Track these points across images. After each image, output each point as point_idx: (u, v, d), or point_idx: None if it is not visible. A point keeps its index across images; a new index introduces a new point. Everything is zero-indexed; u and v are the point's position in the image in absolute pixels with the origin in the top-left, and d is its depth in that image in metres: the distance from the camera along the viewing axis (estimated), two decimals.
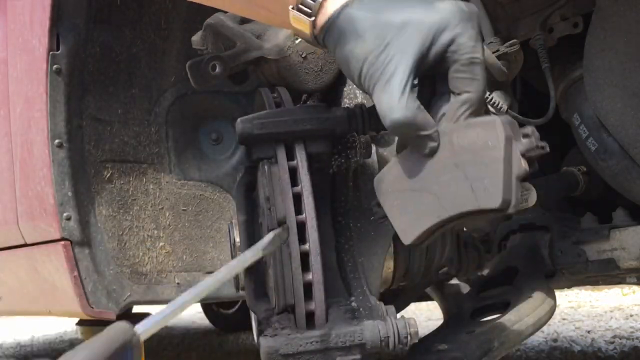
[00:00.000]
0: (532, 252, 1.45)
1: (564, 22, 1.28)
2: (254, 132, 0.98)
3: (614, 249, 1.38)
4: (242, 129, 0.98)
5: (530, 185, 1.35)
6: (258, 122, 0.98)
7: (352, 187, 1.09)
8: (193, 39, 1.18)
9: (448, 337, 1.20)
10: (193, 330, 4.32)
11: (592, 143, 1.34)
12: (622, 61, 1.22)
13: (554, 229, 1.47)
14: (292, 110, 1.00)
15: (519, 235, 1.52)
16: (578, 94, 1.39)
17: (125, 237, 1.49)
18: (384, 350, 0.98)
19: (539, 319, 1.24)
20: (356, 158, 1.05)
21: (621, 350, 2.85)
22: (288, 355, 0.96)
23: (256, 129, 0.98)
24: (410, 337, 0.99)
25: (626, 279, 1.67)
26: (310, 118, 0.98)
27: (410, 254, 1.16)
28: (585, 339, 3.13)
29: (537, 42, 1.27)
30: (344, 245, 1.08)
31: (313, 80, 1.11)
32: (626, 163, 1.31)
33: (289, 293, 0.95)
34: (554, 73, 1.32)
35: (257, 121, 0.98)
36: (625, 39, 1.21)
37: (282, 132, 0.98)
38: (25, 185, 1.51)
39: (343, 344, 0.97)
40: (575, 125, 1.39)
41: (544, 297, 1.29)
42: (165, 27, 1.50)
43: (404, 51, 0.84)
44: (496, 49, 1.11)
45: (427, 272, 1.19)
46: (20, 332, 5.00)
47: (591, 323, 3.54)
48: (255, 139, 0.99)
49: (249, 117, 0.99)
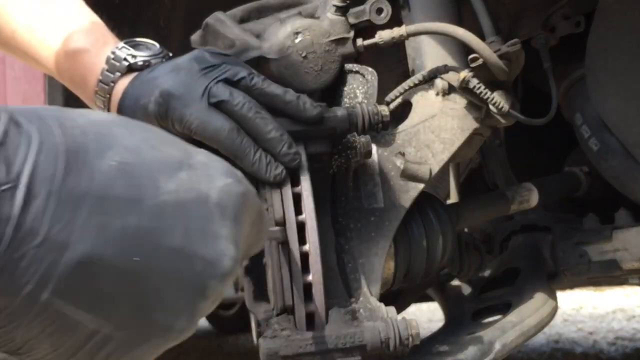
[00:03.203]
0: (533, 253, 1.45)
1: (566, 21, 1.28)
2: None
3: (617, 249, 1.37)
4: None
5: (532, 186, 1.34)
6: None
7: (352, 187, 1.09)
8: (192, 38, 1.17)
9: (449, 339, 1.19)
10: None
11: (595, 143, 1.34)
12: (624, 60, 1.22)
13: (556, 229, 1.46)
14: None
15: (520, 236, 1.51)
16: (580, 93, 1.38)
17: None
18: (384, 352, 0.98)
19: (541, 320, 1.23)
20: (356, 158, 1.05)
21: (623, 351, 2.84)
22: (288, 356, 0.95)
23: None
24: (412, 338, 0.98)
25: (628, 280, 1.67)
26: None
27: (411, 254, 1.15)
28: (587, 341, 3.12)
29: (538, 41, 1.27)
30: (344, 246, 1.07)
31: (313, 80, 1.11)
32: (629, 163, 1.31)
33: (288, 294, 0.95)
34: (556, 72, 1.31)
35: None
36: (628, 38, 1.21)
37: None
38: None
39: (343, 346, 0.96)
40: (577, 125, 1.39)
41: (546, 298, 1.29)
42: (164, 26, 1.49)
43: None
44: (497, 48, 1.10)
45: (428, 273, 1.18)
46: None
47: (593, 324, 3.54)
48: None
49: None
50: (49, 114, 0.50)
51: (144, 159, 0.51)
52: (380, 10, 1.11)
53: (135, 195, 0.49)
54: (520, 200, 1.30)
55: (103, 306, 0.49)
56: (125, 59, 0.96)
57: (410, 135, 1.13)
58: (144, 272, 0.50)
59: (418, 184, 1.10)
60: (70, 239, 0.47)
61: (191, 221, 0.52)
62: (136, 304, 0.50)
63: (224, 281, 0.54)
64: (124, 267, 0.49)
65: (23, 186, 0.45)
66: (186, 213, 0.52)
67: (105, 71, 0.96)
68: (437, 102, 1.15)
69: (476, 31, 1.12)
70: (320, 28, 1.10)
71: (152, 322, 0.51)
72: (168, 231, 0.51)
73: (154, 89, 0.92)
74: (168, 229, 0.50)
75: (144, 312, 0.51)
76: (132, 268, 0.49)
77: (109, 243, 0.48)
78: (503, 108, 1.12)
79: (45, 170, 0.47)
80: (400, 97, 1.17)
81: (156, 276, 0.50)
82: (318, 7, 1.13)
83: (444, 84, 1.14)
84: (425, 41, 1.19)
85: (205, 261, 0.52)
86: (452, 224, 1.19)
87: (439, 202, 1.22)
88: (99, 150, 0.49)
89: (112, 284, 0.48)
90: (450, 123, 1.13)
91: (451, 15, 1.18)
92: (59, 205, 0.46)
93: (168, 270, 0.51)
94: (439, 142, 1.13)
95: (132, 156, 0.50)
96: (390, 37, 1.12)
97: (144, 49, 0.99)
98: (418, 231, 1.14)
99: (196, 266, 0.52)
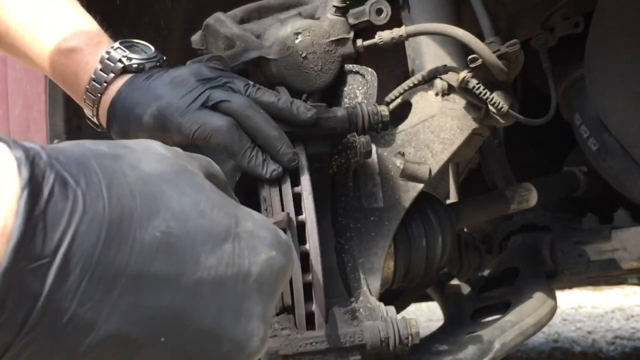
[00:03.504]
0: (533, 252, 1.45)
1: (565, 21, 1.28)
2: None
3: (615, 249, 1.37)
4: None
5: (531, 186, 1.35)
6: None
7: (352, 187, 1.09)
8: (193, 38, 1.17)
9: (448, 338, 1.19)
10: None
11: (593, 143, 1.34)
12: (623, 61, 1.22)
13: (555, 229, 1.46)
14: None
15: (519, 235, 1.51)
16: (579, 93, 1.38)
17: None
18: (384, 351, 0.98)
19: (540, 319, 1.24)
20: (356, 158, 1.05)
21: (622, 351, 2.84)
22: (288, 356, 0.95)
23: None
24: (411, 337, 0.98)
25: (627, 280, 1.67)
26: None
27: (411, 254, 1.15)
28: (586, 340, 3.12)
29: (538, 41, 1.27)
30: (344, 246, 1.07)
31: (313, 80, 1.11)
32: (627, 163, 1.31)
33: (286, 293, 0.95)
34: (555, 73, 1.32)
35: None
36: (627, 38, 1.21)
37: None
38: None
39: (343, 345, 0.96)
40: (576, 125, 1.39)
41: (545, 298, 1.29)
42: (164, 27, 1.50)
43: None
44: (497, 48, 1.10)
45: (428, 273, 1.18)
46: None
47: (592, 324, 3.54)
48: None
49: None
50: (99, 166, 0.46)
51: (189, 230, 0.48)
52: (380, 11, 1.12)
53: (173, 272, 0.47)
54: (519, 200, 1.30)
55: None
56: (120, 61, 0.96)
57: (409, 135, 1.13)
58: (168, 354, 0.47)
59: (418, 183, 1.10)
60: (98, 319, 0.44)
61: (226, 300, 0.49)
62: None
63: (252, 358, 0.52)
64: (148, 346, 0.46)
65: (58, 262, 0.42)
66: (222, 291, 0.49)
67: (99, 70, 0.96)
68: (437, 102, 1.15)
69: (475, 32, 1.12)
70: (320, 29, 1.10)
71: None
72: (200, 311, 0.48)
73: (151, 100, 0.92)
74: (201, 309, 0.48)
75: None
76: (157, 349, 0.47)
77: (137, 322, 0.45)
78: (502, 108, 1.12)
79: (85, 244, 0.43)
80: (400, 97, 1.18)
81: (181, 357, 0.48)
82: (318, 7, 1.13)
83: (444, 84, 1.14)
84: (424, 42, 1.20)
85: (234, 343, 0.50)
86: (451, 223, 1.19)
87: (439, 201, 1.22)
88: (144, 217, 0.46)
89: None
90: (450, 123, 1.14)
91: (451, 16, 1.18)
92: (91, 284, 0.43)
93: (194, 351, 0.48)
94: (438, 142, 1.13)
95: (178, 225, 0.47)
96: (390, 37, 1.12)
97: (139, 51, 0.99)
98: (418, 231, 1.15)
99: (224, 347, 0.49)
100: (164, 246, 0.46)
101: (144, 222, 0.46)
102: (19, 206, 0.41)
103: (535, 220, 1.51)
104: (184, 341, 0.47)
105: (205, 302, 0.48)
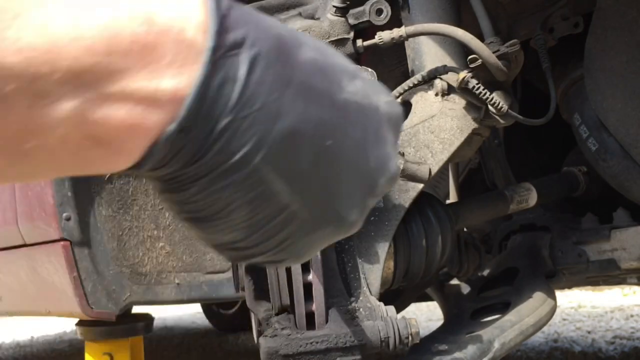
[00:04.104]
0: (532, 252, 1.45)
1: (564, 22, 1.28)
2: None
3: (615, 249, 1.38)
4: None
5: (531, 186, 1.35)
6: None
7: None
8: None
9: (448, 338, 1.20)
10: (193, 330, 4.31)
11: (593, 143, 1.34)
12: (622, 61, 1.22)
13: (555, 229, 1.47)
14: None
15: (519, 235, 1.52)
16: (579, 94, 1.39)
17: (125, 238, 1.49)
18: (384, 350, 0.98)
19: (540, 319, 1.24)
20: None
21: (622, 350, 2.84)
22: (288, 355, 0.95)
23: None
24: (411, 337, 0.99)
25: (627, 280, 1.67)
26: None
27: (411, 254, 1.16)
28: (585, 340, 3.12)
29: (537, 42, 1.27)
30: (344, 246, 1.07)
31: None
32: (627, 163, 1.31)
33: (285, 293, 0.95)
34: (555, 73, 1.32)
35: None
36: (626, 38, 1.21)
37: None
38: (24, 185, 1.51)
39: (343, 345, 0.96)
40: (575, 125, 1.39)
41: (545, 298, 1.29)
42: None
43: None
44: (496, 48, 1.10)
45: (427, 273, 1.19)
46: (20, 332, 5.00)
47: (592, 323, 3.54)
48: None
49: None
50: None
51: (330, 61, 0.54)
52: (380, 11, 1.12)
53: (327, 88, 0.52)
54: (519, 200, 1.31)
55: (299, 181, 0.52)
56: None
57: (409, 135, 1.13)
58: (333, 157, 0.52)
59: (417, 183, 1.10)
60: (282, 110, 0.49)
61: (368, 122, 0.55)
62: (324, 186, 0.53)
63: (390, 183, 0.57)
64: (319, 147, 0.51)
65: (247, 53, 0.48)
66: (364, 114, 0.55)
67: None
68: (437, 102, 1.15)
69: (475, 32, 1.12)
70: (320, 29, 1.10)
71: (332, 209, 0.54)
72: (352, 125, 0.53)
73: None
74: (352, 124, 0.53)
75: (328, 196, 0.54)
76: (325, 150, 0.52)
77: (310, 122, 0.51)
78: (502, 108, 1.12)
79: (263, 46, 0.49)
80: (400, 97, 1.18)
81: (342, 163, 0.53)
82: (318, 8, 1.13)
83: (443, 84, 1.14)
84: (424, 42, 1.20)
85: (378, 159, 0.55)
86: (451, 223, 1.20)
87: (438, 202, 1.22)
88: (295, 44, 0.52)
89: (308, 162, 0.51)
90: (450, 123, 1.14)
91: (450, 16, 1.18)
92: (273, 79, 0.49)
93: (351, 160, 0.54)
94: (438, 142, 1.13)
95: (321, 56, 0.53)
96: (390, 37, 1.12)
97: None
98: (417, 231, 1.15)
99: (371, 162, 0.55)
100: (316, 67, 0.52)
101: (296, 47, 0.51)
102: (208, 6, 0.47)
103: (534, 220, 1.51)
104: (344, 150, 0.53)
105: (353, 119, 0.53)
